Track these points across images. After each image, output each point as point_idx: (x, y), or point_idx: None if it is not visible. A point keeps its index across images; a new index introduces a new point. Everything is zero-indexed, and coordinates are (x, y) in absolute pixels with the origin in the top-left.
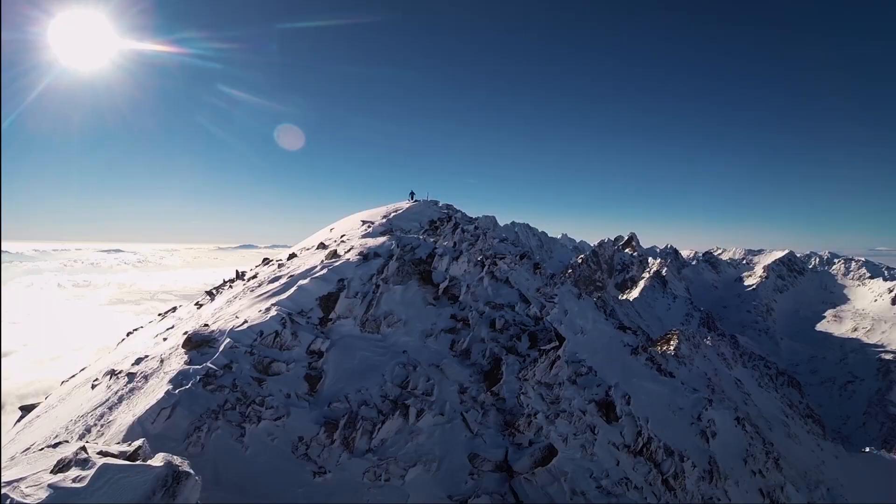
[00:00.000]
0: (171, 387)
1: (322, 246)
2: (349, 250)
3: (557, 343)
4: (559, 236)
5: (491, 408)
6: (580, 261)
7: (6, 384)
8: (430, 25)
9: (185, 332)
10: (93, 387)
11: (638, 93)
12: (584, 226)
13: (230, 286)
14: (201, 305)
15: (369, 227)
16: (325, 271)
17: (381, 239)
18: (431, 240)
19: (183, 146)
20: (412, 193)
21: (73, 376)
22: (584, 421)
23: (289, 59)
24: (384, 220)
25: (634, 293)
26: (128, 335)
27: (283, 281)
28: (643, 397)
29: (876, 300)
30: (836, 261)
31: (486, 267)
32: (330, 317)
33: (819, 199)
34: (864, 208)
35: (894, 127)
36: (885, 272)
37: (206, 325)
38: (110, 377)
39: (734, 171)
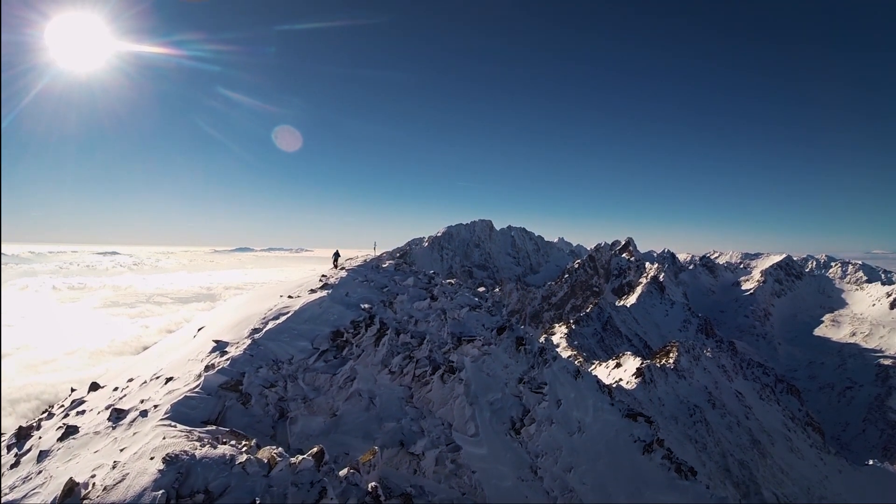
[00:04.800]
0: None
1: (116, 414)
2: (102, 490)
3: None
4: (556, 240)
5: None
6: (577, 265)
7: None
8: (428, 28)
9: None
10: None
11: (635, 96)
12: (581, 228)
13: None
14: (15, 466)
15: (208, 369)
16: None
17: (151, 472)
18: (326, 373)
19: (180, 148)
20: (336, 256)
21: None
22: None
23: (287, 62)
24: (248, 342)
25: (632, 299)
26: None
27: None
28: None
29: (874, 304)
30: (833, 264)
31: None
32: None
33: (816, 202)
34: (860, 211)
35: (891, 129)
36: (883, 276)
37: None
38: None
39: (731, 173)
